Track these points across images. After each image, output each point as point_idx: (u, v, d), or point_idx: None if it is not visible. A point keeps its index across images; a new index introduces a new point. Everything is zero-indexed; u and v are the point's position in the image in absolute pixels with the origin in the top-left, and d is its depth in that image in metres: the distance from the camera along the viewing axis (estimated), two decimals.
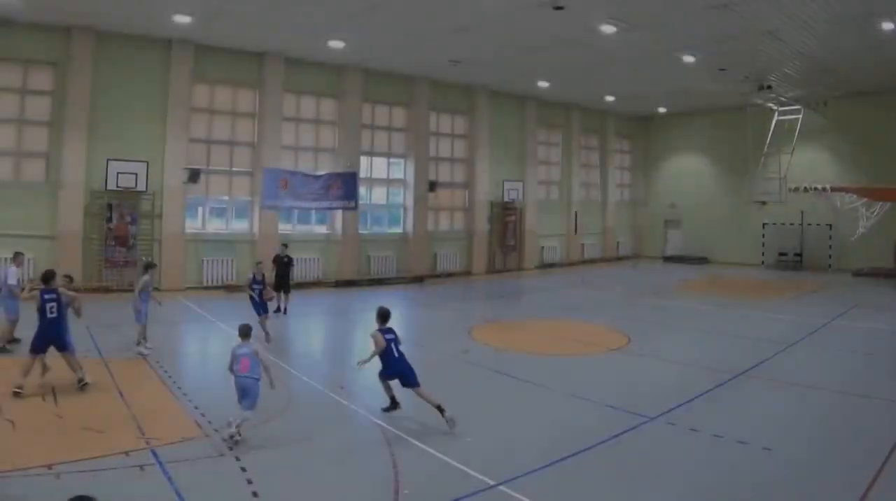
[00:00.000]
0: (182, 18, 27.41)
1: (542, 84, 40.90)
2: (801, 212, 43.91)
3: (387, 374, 13.50)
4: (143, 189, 29.65)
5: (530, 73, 37.79)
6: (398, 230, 39.45)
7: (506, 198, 42.85)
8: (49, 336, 14.41)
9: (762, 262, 47.21)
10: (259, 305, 20.69)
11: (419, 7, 25.74)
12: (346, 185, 33.35)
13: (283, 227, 34.30)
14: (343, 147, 36.02)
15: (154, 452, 11.00)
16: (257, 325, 18.66)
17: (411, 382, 13.14)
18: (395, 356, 13.23)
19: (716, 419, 13.60)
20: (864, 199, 37.56)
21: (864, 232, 37.33)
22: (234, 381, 12.00)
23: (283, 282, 25.88)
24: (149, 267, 19.43)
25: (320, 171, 34.33)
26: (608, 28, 27.14)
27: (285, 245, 27.72)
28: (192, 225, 32.43)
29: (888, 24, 26.24)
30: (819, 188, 38.42)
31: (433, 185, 39.59)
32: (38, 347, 14.37)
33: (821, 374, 17.69)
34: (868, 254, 40.70)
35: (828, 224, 43.20)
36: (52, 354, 14.61)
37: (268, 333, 20.35)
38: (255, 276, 20.98)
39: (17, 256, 19.88)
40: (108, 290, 28.85)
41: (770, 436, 12.52)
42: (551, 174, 48.14)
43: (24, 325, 17.05)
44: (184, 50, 30.95)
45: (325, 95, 35.98)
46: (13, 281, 18.87)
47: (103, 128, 29.31)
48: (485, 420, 13.24)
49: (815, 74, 35.41)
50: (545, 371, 17.53)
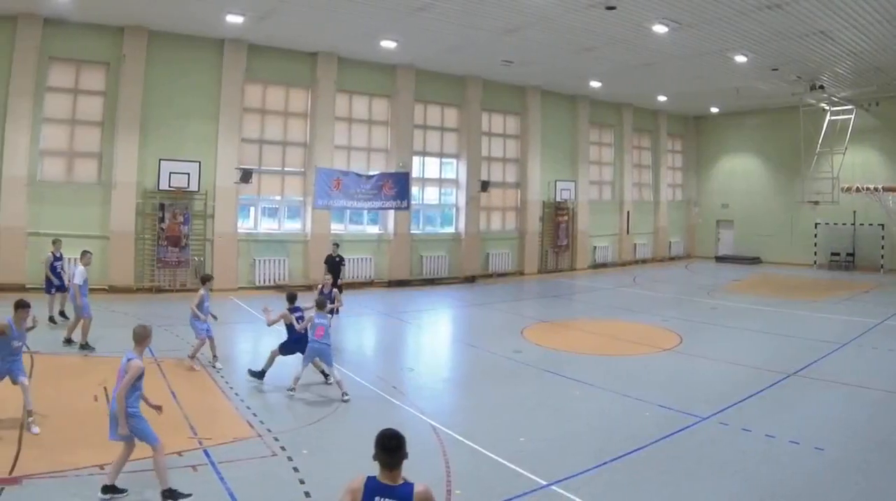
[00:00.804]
0: (234, 18, 26.45)
1: (594, 84, 39.27)
2: (854, 213, 42.35)
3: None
4: (196, 189, 28.62)
5: (582, 72, 36.32)
6: (450, 230, 38.09)
7: (558, 198, 41.28)
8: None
9: (814, 262, 45.32)
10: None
11: (470, 8, 24.84)
12: (399, 185, 32.63)
13: (336, 227, 33.26)
14: (395, 147, 34.80)
15: (207, 452, 10.83)
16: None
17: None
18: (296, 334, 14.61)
19: (768, 419, 13.35)
20: None
21: None
22: (309, 346, 14.25)
23: (335, 282, 24.65)
24: (205, 279, 18.27)
25: (373, 171, 33.31)
26: (660, 28, 26.05)
27: (337, 244, 26.69)
28: (245, 225, 31.43)
29: None
30: (871, 188, 37.43)
31: (485, 185, 38.19)
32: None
33: (872, 374, 17.21)
34: None
35: (880, 224, 41.49)
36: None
37: None
38: (322, 289, 20.10)
39: (84, 255, 19.40)
40: (159, 290, 27.99)
41: (821, 436, 12.28)
42: (603, 174, 46.41)
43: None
44: (236, 50, 29.87)
45: (378, 95, 34.77)
46: (79, 280, 18.42)
47: (155, 128, 28.45)
48: (536, 420, 12.81)
49: (868, 74, 33.81)
50: (597, 371, 17.12)
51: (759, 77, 35.27)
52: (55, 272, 21.58)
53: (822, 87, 35.66)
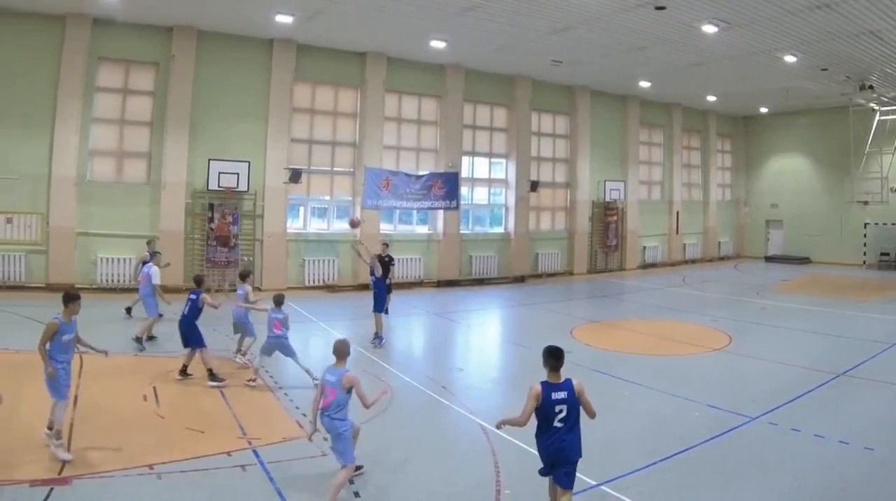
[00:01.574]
0: (284, 18, 25.51)
1: (644, 84, 37.72)
2: None
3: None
4: (245, 189, 27.55)
5: (632, 72, 34.87)
6: (500, 230, 36.58)
7: (607, 198, 39.70)
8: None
9: (864, 262, 43.61)
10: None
11: (519, 8, 23.92)
12: (448, 185, 31.60)
13: (385, 227, 31.99)
14: (445, 147, 33.47)
15: (256, 452, 10.61)
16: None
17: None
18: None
19: (817, 419, 12.97)
20: None
21: None
22: (267, 340, 14.53)
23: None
24: (247, 275, 17.54)
25: (422, 171, 32.27)
26: (709, 28, 25.07)
27: (386, 244, 24.81)
28: (294, 225, 30.26)
29: None
30: None
31: (535, 185, 36.60)
32: None
33: None
34: None
35: None
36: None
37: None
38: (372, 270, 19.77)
39: (155, 255, 19.40)
40: (208, 290, 26.49)
41: (871, 436, 11.94)
42: (653, 174, 44.62)
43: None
44: (285, 50, 28.77)
45: (427, 95, 33.45)
46: (158, 280, 18.56)
47: (204, 128, 27.46)
48: (586, 420, 10.90)
49: None
50: (646, 371, 16.61)
51: (809, 77, 33.71)
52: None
53: (871, 87, 34.20)
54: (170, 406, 12.92)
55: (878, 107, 37.83)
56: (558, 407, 7.99)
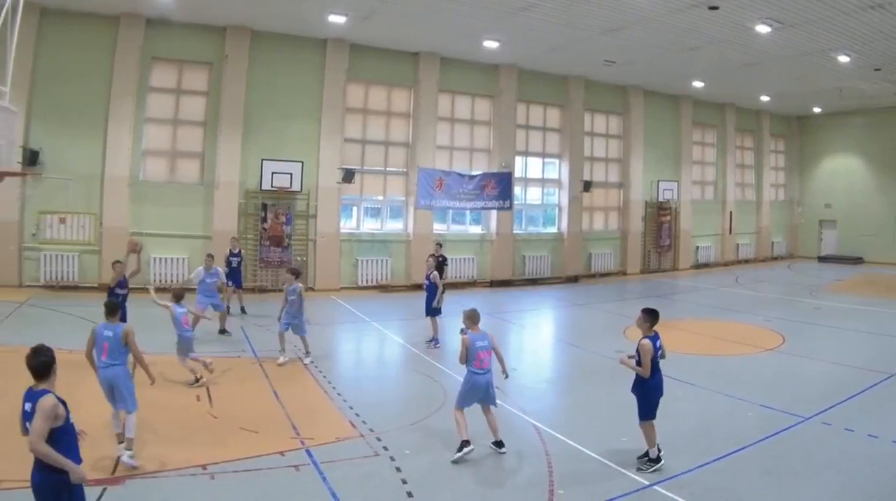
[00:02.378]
0: (337, 18, 24.36)
1: (697, 84, 35.67)
2: None
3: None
4: (298, 189, 26.17)
5: (685, 72, 33.02)
6: (553, 230, 34.85)
7: (660, 198, 37.73)
8: None
9: None
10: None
11: (573, 8, 22.84)
12: (501, 185, 30.03)
13: (438, 227, 30.53)
14: (498, 147, 31.79)
15: (309, 452, 10.21)
16: None
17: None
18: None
19: (871, 419, 12.39)
20: None
21: None
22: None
23: None
24: (298, 273, 16.77)
25: (475, 171, 30.62)
26: (763, 28, 23.97)
27: (439, 244, 24.52)
28: (347, 225, 28.87)
29: None
30: None
31: (588, 185, 34.76)
32: None
33: None
34: None
35: None
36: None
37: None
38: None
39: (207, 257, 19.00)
40: (262, 290, 25.66)
41: None
42: (706, 174, 42.34)
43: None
44: (338, 50, 27.34)
45: (480, 95, 31.77)
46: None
47: (257, 128, 26.24)
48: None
49: None
50: (700, 370, 15.87)
51: (862, 77, 32.18)
52: (230, 267, 21.05)
53: None
54: (223, 406, 12.38)
55: None
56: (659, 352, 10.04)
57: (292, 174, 26.10)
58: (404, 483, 9.21)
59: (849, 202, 44.93)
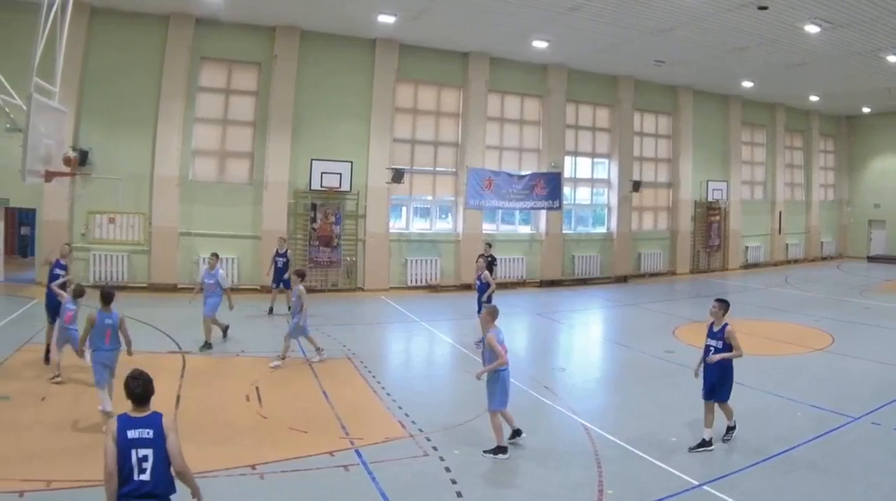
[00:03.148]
0: (386, 18, 23.04)
1: (746, 84, 33.58)
2: None
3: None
4: (347, 189, 24.64)
5: (734, 72, 31.08)
6: (602, 230, 32.90)
7: (710, 198, 35.50)
8: None
9: None
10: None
11: (623, 8, 21.77)
12: (550, 185, 28.19)
13: (487, 227, 28.75)
14: (547, 147, 29.88)
15: (358, 452, 9.74)
16: None
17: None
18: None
19: None
20: None
21: None
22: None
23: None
24: (303, 275, 15.66)
25: (524, 171, 28.84)
26: (812, 28, 22.81)
27: (489, 244, 22.71)
28: (396, 225, 27.34)
29: None
30: None
31: (637, 185, 32.85)
32: None
33: None
34: None
35: None
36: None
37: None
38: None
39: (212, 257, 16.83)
40: (311, 290, 24.36)
41: None
42: (755, 174, 40.01)
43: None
44: (388, 50, 25.82)
45: (529, 95, 29.89)
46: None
47: (307, 128, 24.82)
48: (688, 420, 11.28)
49: None
50: (749, 370, 14.22)
51: None
52: (276, 267, 20.20)
53: None
54: (272, 406, 11.78)
55: None
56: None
57: (342, 174, 24.60)
58: (454, 483, 8.76)
59: None
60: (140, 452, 5.59)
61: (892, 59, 26.60)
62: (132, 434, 5.64)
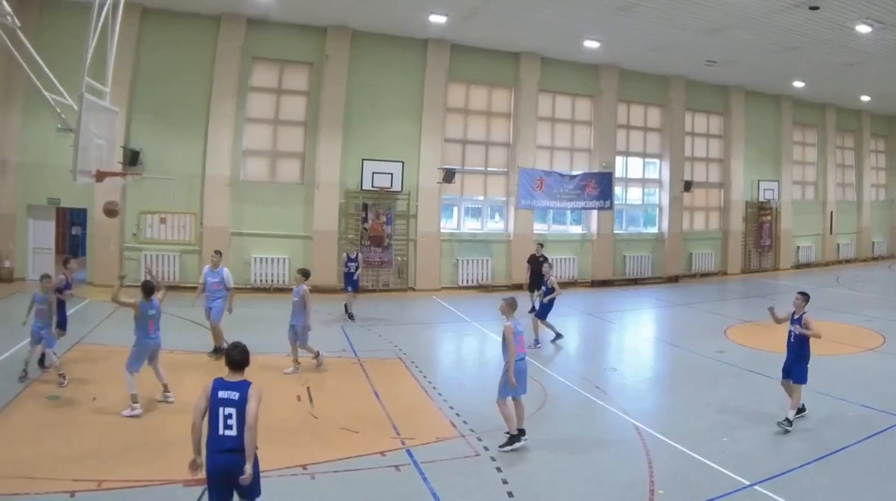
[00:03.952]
0: (438, 18, 21.84)
1: (797, 84, 31.30)
2: None
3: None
4: (399, 189, 23.23)
5: (785, 72, 29.11)
6: (653, 230, 31.01)
7: (761, 198, 33.30)
8: None
9: None
10: None
11: (673, 8, 20.67)
12: (602, 185, 26.30)
13: (539, 227, 27.04)
14: (598, 147, 28.05)
15: (409, 452, 9.30)
16: None
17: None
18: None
19: None
20: None
21: None
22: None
23: (537, 281, 19.99)
24: (307, 274, 14.02)
25: (576, 171, 26.99)
26: (863, 28, 21.54)
27: (541, 244, 21.41)
28: (448, 225, 25.87)
29: None
30: None
31: (688, 185, 30.76)
32: None
33: None
34: None
35: None
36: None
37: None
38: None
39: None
40: (363, 290, 22.19)
41: None
42: (806, 174, 37.51)
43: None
44: (439, 49, 24.27)
45: (581, 95, 28.01)
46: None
47: (358, 128, 23.37)
48: (739, 420, 10.97)
49: None
50: None
51: None
52: (348, 272, 19.03)
53: None
54: (324, 406, 11.35)
55: None
56: None
57: (393, 174, 23.07)
58: (505, 483, 8.39)
59: None
60: (226, 410, 6.14)
61: None
62: (222, 394, 6.23)
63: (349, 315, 18.32)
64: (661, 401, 12.60)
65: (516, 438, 9.35)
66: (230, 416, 6.16)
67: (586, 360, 16.39)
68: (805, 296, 11.21)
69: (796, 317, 11.07)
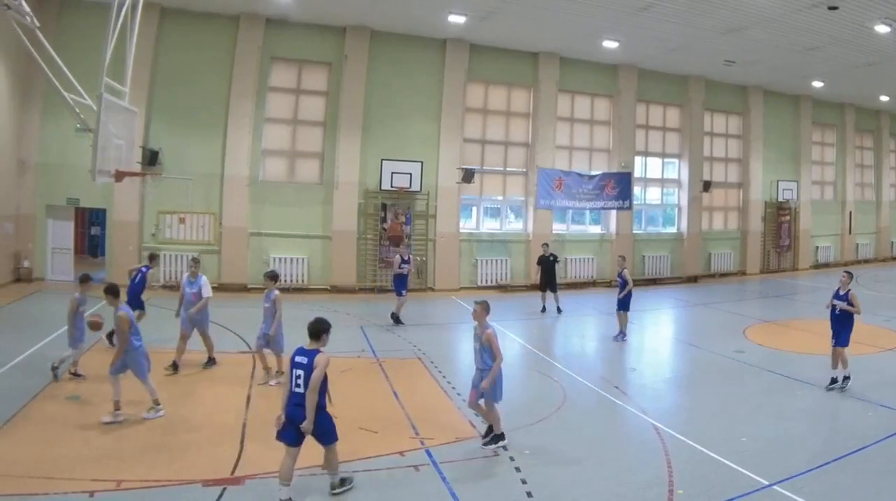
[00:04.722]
0: (456, 18, 21.35)
1: (816, 84, 30.48)
2: None
3: None
4: (418, 189, 22.63)
5: (805, 72, 28.43)
6: (672, 230, 30.17)
7: (780, 198, 32.42)
8: None
9: None
10: None
11: (692, 8, 20.36)
12: (621, 185, 25.66)
13: (558, 227, 26.41)
14: (617, 147, 27.37)
15: (428, 452, 9.08)
16: None
17: None
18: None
19: None
20: None
21: None
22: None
23: (549, 281, 20.63)
24: (275, 277, 12.76)
25: (595, 171, 26.31)
26: (882, 28, 21.12)
27: (546, 244, 21.53)
28: (467, 225, 25.21)
29: None
30: None
31: (707, 185, 29.96)
32: None
33: None
34: None
35: None
36: None
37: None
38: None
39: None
40: (382, 290, 22.15)
41: None
42: (825, 174, 36.61)
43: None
44: (458, 49, 23.65)
45: (600, 95, 27.32)
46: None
47: (377, 128, 22.83)
48: (758, 420, 10.64)
49: None
50: (819, 371, 13.63)
51: None
52: (402, 275, 18.16)
53: None
54: (343, 405, 10.34)
55: None
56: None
57: (412, 174, 22.48)
58: (524, 483, 8.18)
59: None
60: (296, 372, 7.34)
61: None
62: (298, 358, 7.40)
63: (396, 319, 17.53)
64: (681, 401, 12.36)
65: (501, 437, 9.20)
66: (299, 377, 7.32)
67: (605, 360, 16.03)
68: (850, 275, 12.47)
69: (841, 294, 12.18)
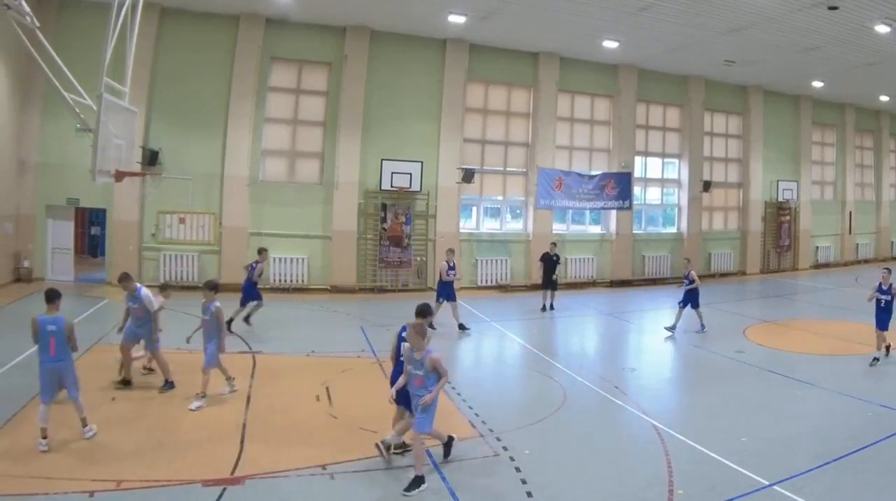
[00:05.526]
0: (457, 18, 20.92)
1: (817, 84, 30.03)
2: None
3: None
4: (418, 189, 22.29)
5: (805, 72, 28.05)
6: (672, 230, 29.79)
7: (780, 198, 32.00)
8: None
9: None
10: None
11: (693, 8, 20.04)
12: (621, 185, 25.34)
13: (558, 227, 25.97)
14: (617, 147, 26.98)
15: (428, 452, 8.73)
16: None
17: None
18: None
19: None
20: None
21: None
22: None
23: (550, 279, 20.49)
24: (215, 287, 11.25)
25: (595, 171, 25.94)
26: (882, 28, 20.85)
27: (554, 243, 21.33)
28: (467, 225, 24.86)
29: None
30: None
31: (707, 185, 29.54)
32: None
33: None
34: None
35: None
36: None
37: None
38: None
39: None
40: (382, 290, 21.84)
41: None
42: (825, 174, 36.15)
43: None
44: (458, 49, 23.28)
45: (600, 95, 26.94)
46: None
47: (377, 128, 22.48)
48: (758, 420, 10.58)
49: None
50: (819, 371, 13.81)
51: None
52: (448, 282, 17.48)
53: None
54: (343, 406, 10.93)
55: None
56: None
57: (412, 174, 22.12)
58: (524, 483, 8.09)
59: None
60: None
61: None
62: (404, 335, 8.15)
63: (461, 325, 17.10)
64: (680, 401, 12.29)
65: (423, 480, 7.98)
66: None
67: (605, 360, 15.87)
68: (889, 271, 13.86)
69: (885, 288, 13.76)
